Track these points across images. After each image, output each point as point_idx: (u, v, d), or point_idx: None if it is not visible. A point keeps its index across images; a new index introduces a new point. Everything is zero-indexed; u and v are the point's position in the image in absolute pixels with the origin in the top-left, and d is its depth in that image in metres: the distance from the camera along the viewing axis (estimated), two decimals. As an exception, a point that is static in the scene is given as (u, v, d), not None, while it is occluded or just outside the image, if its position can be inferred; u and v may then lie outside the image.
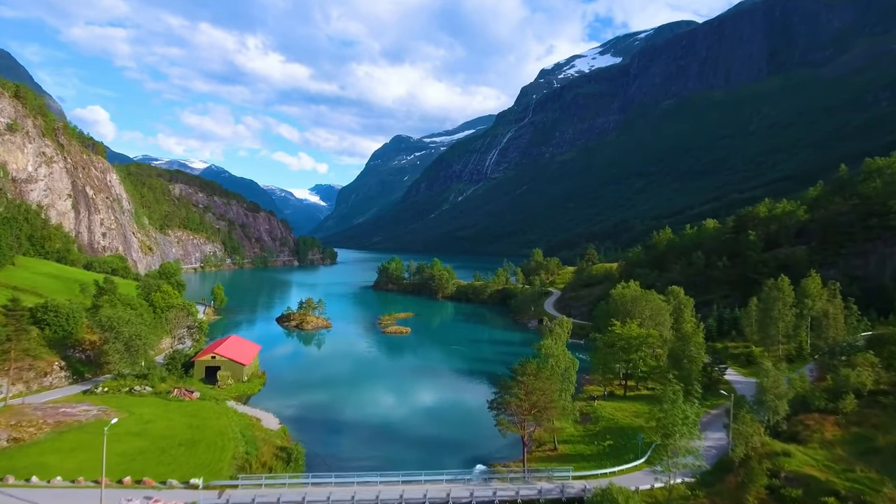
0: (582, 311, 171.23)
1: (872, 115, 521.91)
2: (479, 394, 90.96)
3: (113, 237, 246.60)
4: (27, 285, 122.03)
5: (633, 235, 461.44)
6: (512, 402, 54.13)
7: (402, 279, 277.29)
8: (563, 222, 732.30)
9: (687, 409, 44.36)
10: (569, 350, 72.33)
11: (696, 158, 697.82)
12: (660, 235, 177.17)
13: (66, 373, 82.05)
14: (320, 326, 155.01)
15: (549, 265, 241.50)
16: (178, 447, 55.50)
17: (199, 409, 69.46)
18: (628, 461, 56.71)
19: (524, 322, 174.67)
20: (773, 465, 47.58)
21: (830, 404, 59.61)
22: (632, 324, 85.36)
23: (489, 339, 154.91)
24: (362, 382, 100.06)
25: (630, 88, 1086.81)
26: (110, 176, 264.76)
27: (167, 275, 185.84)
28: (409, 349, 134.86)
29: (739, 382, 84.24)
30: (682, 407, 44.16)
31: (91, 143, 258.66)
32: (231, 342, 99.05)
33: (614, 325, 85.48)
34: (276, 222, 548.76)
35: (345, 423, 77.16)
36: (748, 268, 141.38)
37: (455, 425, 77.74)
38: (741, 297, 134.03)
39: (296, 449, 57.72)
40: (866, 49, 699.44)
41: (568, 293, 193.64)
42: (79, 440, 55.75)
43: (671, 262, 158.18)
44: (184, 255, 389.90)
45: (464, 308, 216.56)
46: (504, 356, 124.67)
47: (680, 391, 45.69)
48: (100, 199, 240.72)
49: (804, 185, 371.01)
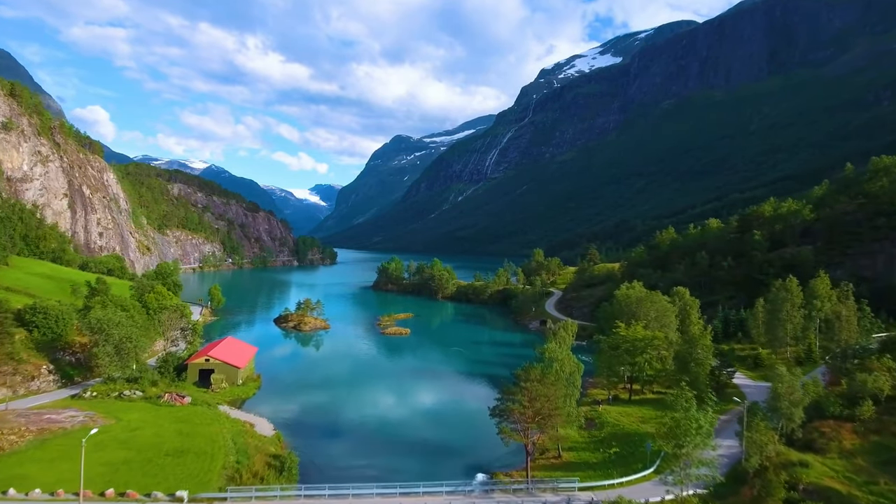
0: (584, 311, 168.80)
1: (873, 114, 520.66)
2: (479, 397, 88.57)
3: (110, 237, 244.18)
4: (20, 286, 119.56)
5: (635, 235, 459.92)
6: (515, 409, 51.68)
7: (402, 279, 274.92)
8: (564, 222, 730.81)
9: (700, 418, 41.90)
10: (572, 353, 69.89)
11: (697, 158, 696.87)
12: (663, 235, 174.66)
13: (54, 376, 79.68)
14: (318, 327, 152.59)
15: (550, 265, 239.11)
16: (166, 457, 53.04)
17: (190, 414, 67.05)
18: (636, 470, 54.28)
19: (525, 323, 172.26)
20: (790, 476, 45.16)
21: (846, 411, 57.17)
22: (637, 325, 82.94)
23: (490, 340, 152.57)
24: (360, 385, 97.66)
25: (630, 88, 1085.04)
26: (107, 175, 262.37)
27: (164, 275, 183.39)
28: (408, 351, 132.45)
29: (748, 386, 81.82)
30: (696, 415, 41.70)
31: (88, 143, 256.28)
32: (226, 344, 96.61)
33: (619, 326, 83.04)
34: (275, 222, 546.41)
35: (342, 427, 74.75)
36: (753, 268, 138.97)
37: (455, 430, 75.34)
38: (746, 298, 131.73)
39: (289, 458, 55.26)
40: (867, 49, 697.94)
41: (569, 294, 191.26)
42: (62, 449, 53.31)
43: (675, 263, 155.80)
44: (182, 255, 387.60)
45: (464, 308, 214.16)
46: (505, 358, 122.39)
47: (692, 398, 43.21)
48: (96, 199, 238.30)
49: (806, 184, 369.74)
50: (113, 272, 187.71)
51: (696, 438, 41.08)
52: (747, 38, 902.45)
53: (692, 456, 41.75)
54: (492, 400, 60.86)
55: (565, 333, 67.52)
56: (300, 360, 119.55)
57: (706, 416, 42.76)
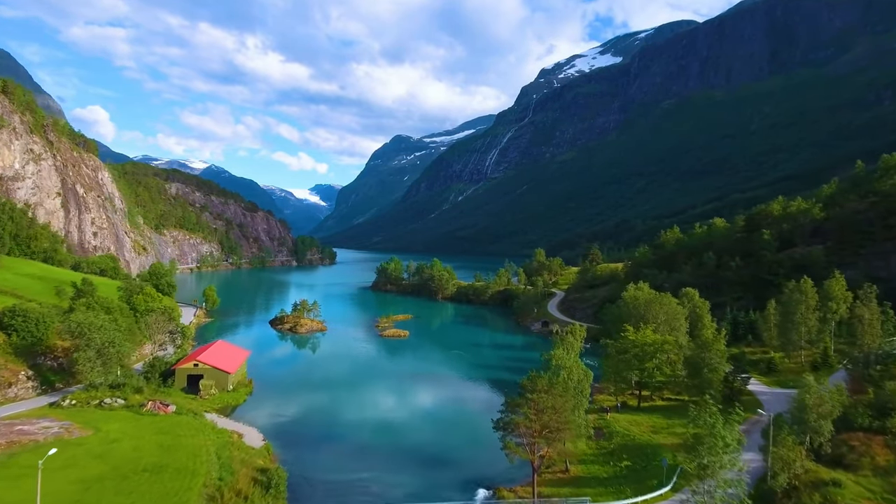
0: (587, 313, 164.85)
1: (875, 114, 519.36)
2: (481, 404, 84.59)
3: (104, 237, 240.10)
4: (8, 287, 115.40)
5: (635, 235, 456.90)
6: (521, 422, 47.74)
7: (402, 280, 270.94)
8: (564, 222, 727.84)
9: (727, 435, 37.91)
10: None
11: (697, 158, 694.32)
12: (668, 235, 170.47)
13: (33, 383, 75.66)
14: (315, 330, 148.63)
15: (552, 266, 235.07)
16: (143, 473, 49.01)
17: (174, 424, 63.04)
18: (651, 487, 50.31)
19: (527, 324, 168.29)
20: (823, 497, 41.25)
21: (876, 422, 53.21)
22: (646, 329, 78.91)
23: (491, 342, 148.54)
24: (356, 391, 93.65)
25: (630, 88, 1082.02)
26: (102, 174, 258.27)
27: (157, 276, 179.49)
28: (407, 353, 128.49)
29: (763, 393, 77.83)
30: (722, 433, 37.72)
31: (82, 141, 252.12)
32: (216, 348, 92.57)
33: (627, 330, 79.02)
34: (274, 222, 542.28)
35: (336, 437, 70.75)
36: (762, 268, 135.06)
37: (456, 439, 71.36)
38: (754, 300, 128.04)
39: (276, 474, 51.19)
40: (868, 48, 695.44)
41: (572, 294, 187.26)
42: (31, 464, 49.14)
43: (680, 263, 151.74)
44: (180, 255, 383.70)
45: (464, 309, 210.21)
46: (507, 361, 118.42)
47: (717, 413, 39.23)
48: (91, 198, 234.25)
49: (808, 184, 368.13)
50: (106, 272, 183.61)
51: (724, 458, 37.12)
52: (748, 37, 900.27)
53: (717, 476, 37.76)
54: (494, 407, 56.93)
55: (573, 339, 63.47)
56: (294, 364, 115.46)
57: (732, 433, 38.77)
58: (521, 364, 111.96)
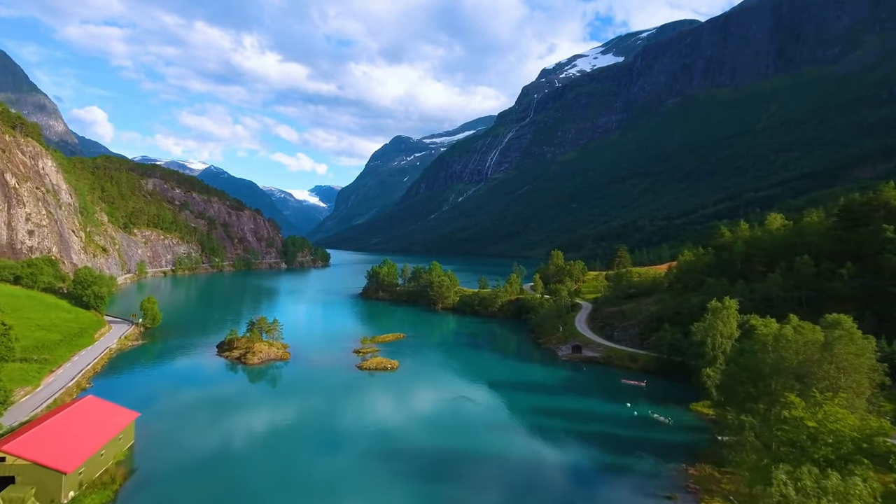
0: (629, 333, 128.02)
1: (890, 111, 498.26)
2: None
3: (44, 236, 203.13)
4: None
5: (644, 236, 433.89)
6: None
7: (396, 286, 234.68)
8: (567, 223, 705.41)
9: None
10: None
11: (703, 158, 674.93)
12: (734, 233, 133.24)
13: None
14: (273, 358, 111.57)
15: (572, 270, 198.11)
16: None
17: None
18: None
19: (551, 347, 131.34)
20: None
21: None
22: (831, 402, 41.93)
23: (509, 379, 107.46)
24: (297, 482, 56.58)
25: (633, 87, 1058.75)
26: (44, 162, 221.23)
27: (83, 284, 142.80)
28: (391, 400, 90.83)
29: None
30: None
31: (19, 123, 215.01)
32: (63, 417, 55.45)
33: (792, 402, 42.04)
34: (262, 221, 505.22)
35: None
36: (882, 276, 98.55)
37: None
38: (877, 320, 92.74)
39: None
40: (877, 45, 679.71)
41: (605, 308, 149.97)
42: None
43: (757, 270, 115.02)
44: (152, 256, 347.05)
45: (469, 324, 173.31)
46: (537, 416, 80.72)
47: None
48: (25, 190, 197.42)
49: (824, 183, 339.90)
50: (21, 279, 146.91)
51: None
52: (753, 35, 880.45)
53: None
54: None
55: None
56: (222, 426, 74.84)
57: None
58: (561, 424, 75.10)
